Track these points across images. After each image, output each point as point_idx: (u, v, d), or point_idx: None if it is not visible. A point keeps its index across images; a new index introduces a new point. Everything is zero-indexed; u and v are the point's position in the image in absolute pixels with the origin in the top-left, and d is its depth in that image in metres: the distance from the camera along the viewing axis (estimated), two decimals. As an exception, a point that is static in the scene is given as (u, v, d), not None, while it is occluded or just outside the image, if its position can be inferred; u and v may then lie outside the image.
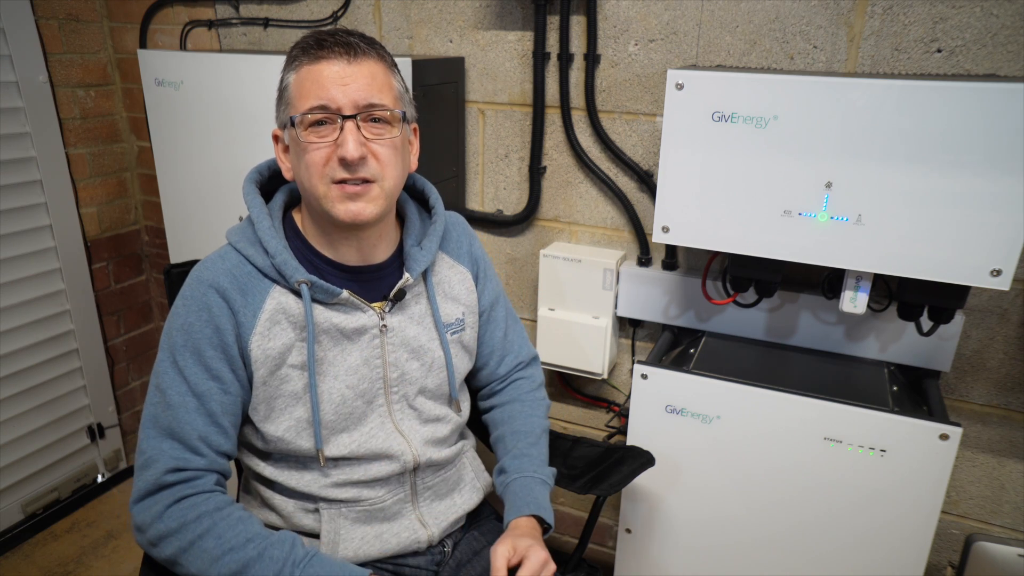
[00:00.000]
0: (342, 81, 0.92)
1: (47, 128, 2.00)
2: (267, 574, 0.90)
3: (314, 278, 0.98)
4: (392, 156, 0.97)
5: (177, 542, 0.92)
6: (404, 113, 0.98)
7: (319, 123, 0.93)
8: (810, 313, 1.45)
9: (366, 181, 0.95)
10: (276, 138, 1.02)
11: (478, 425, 1.28)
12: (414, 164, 1.07)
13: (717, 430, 1.31)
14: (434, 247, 1.08)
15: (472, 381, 1.27)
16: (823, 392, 1.25)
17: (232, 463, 1.03)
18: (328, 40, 0.93)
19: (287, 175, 1.01)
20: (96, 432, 2.28)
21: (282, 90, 0.97)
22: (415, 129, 1.07)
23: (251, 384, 0.99)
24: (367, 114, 0.94)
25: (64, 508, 2.20)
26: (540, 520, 1.08)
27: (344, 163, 0.92)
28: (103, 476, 2.34)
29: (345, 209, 0.95)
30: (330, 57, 0.92)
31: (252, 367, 0.98)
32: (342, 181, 0.94)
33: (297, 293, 0.99)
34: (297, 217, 1.06)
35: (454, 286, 1.14)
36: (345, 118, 0.92)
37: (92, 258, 2.20)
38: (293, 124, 0.94)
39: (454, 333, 1.13)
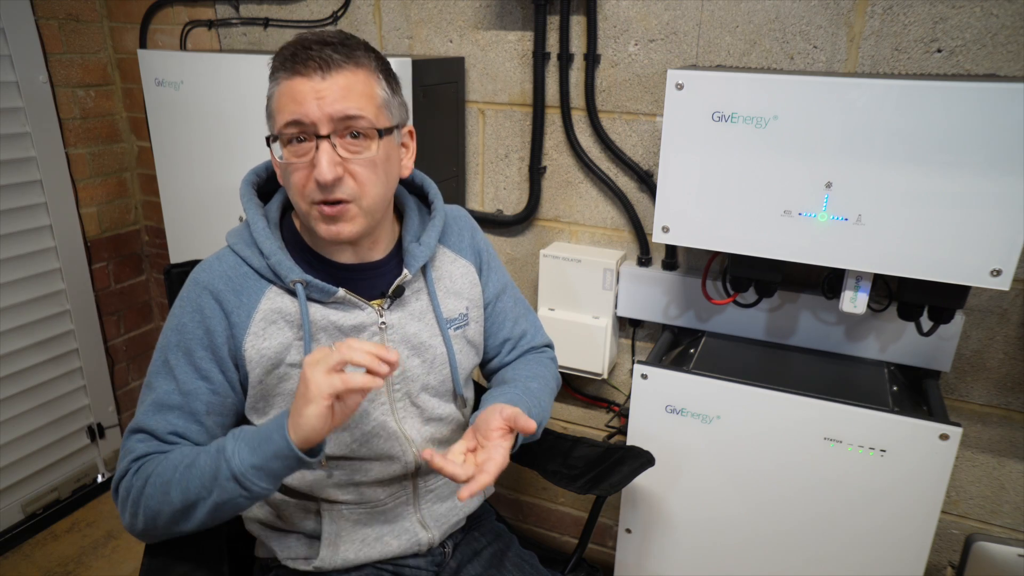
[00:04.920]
0: (317, 95, 0.90)
1: (47, 128, 2.00)
2: (208, 461, 0.89)
3: (309, 277, 0.98)
4: (370, 174, 0.94)
5: (145, 497, 0.91)
6: (381, 132, 0.95)
7: (298, 140, 0.92)
8: (810, 313, 1.45)
9: (343, 201, 0.94)
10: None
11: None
12: (408, 169, 1.05)
13: (717, 430, 1.31)
14: (432, 242, 1.07)
15: (481, 371, 1.26)
16: (823, 392, 1.25)
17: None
18: (302, 55, 0.91)
19: (281, 181, 1.00)
20: (96, 432, 2.28)
21: (267, 100, 0.96)
22: (411, 132, 1.04)
23: (246, 386, 0.99)
24: (345, 129, 0.92)
25: (64, 508, 2.20)
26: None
27: (319, 185, 0.91)
28: (103, 476, 2.34)
29: (326, 229, 0.95)
30: (305, 72, 0.91)
31: (247, 367, 0.97)
32: (321, 202, 0.93)
33: (293, 293, 0.99)
34: (295, 218, 1.05)
35: (456, 280, 1.13)
36: (320, 138, 0.91)
37: (92, 258, 2.20)
38: (271, 142, 0.94)
39: (457, 328, 1.12)
